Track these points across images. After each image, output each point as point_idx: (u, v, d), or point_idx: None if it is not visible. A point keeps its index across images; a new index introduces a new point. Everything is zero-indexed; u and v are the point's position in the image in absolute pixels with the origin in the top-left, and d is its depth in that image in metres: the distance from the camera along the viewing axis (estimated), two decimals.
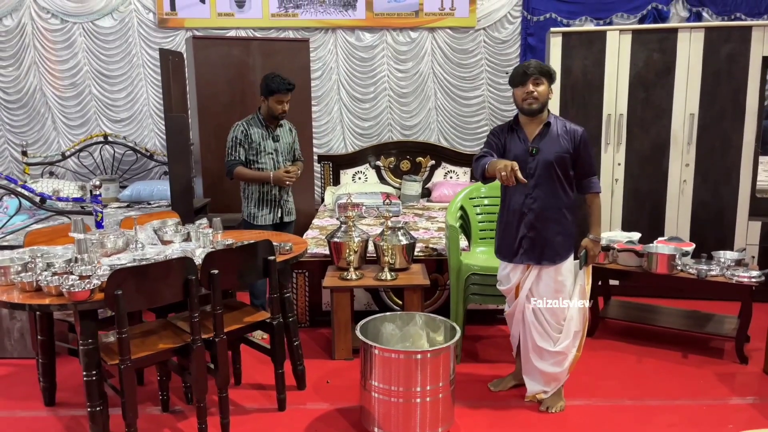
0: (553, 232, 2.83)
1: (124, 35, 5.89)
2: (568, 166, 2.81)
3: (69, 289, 2.35)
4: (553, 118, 2.83)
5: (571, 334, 2.89)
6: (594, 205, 2.91)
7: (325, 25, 5.90)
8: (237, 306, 3.14)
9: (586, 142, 2.82)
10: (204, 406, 2.69)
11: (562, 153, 2.78)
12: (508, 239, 2.92)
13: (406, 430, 2.66)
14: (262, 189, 3.83)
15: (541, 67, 2.76)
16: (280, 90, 3.69)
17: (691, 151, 4.41)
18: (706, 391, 3.20)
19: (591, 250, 2.93)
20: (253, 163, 3.79)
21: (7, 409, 3.03)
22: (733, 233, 4.45)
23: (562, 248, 2.85)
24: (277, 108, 3.73)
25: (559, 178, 2.80)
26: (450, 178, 6.02)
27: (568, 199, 2.84)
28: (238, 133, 3.77)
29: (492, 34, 5.98)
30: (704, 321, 3.83)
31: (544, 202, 2.81)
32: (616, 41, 4.37)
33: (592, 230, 2.94)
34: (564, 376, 2.94)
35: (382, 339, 2.90)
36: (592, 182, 2.88)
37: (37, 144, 6.04)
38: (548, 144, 2.79)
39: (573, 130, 2.81)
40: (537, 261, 2.86)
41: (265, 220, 3.85)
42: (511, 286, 2.98)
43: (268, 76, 3.74)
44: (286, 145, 3.90)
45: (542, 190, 2.80)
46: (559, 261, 2.85)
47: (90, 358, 2.44)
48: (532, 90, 2.73)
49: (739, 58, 4.26)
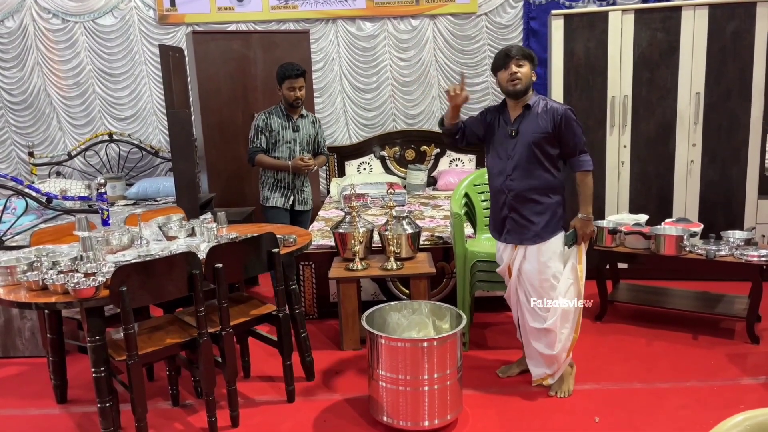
0: (533, 212, 2.85)
1: (125, 33, 5.89)
2: (549, 145, 2.79)
3: (74, 286, 2.36)
4: (535, 99, 2.83)
5: (558, 312, 2.87)
6: (583, 184, 2.88)
7: (325, 16, 5.87)
8: (243, 299, 3.14)
9: (569, 120, 2.77)
10: (213, 400, 2.70)
11: (540, 133, 2.78)
12: (494, 219, 3.01)
13: (414, 418, 2.66)
14: (277, 176, 4.02)
15: (522, 49, 2.81)
16: (289, 75, 3.84)
17: (698, 130, 4.36)
18: (717, 372, 3.17)
19: (580, 229, 2.90)
20: (271, 152, 3.97)
21: (20, 407, 3.06)
22: (742, 213, 4.41)
23: (545, 229, 2.85)
24: (290, 95, 3.89)
25: (539, 159, 2.80)
26: (455, 166, 5.99)
27: (551, 179, 2.83)
28: (259, 121, 3.96)
29: (494, 19, 5.92)
30: (714, 302, 3.80)
31: (523, 182, 2.83)
32: (618, 22, 4.31)
33: (582, 209, 2.91)
34: (563, 357, 2.92)
35: (388, 328, 2.90)
36: (579, 160, 2.84)
37: (43, 144, 6.06)
38: (527, 125, 2.81)
39: (553, 109, 2.78)
40: (519, 241, 2.90)
41: (275, 202, 4.05)
42: (503, 266, 3.04)
43: (280, 65, 3.92)
44: (306, 136, 4.03)
45: (522, 170, 2.82)
46: (540, 241, 2.85)
47: (98, 354, 2.46)
48: (515, 71, 2.75)
49: (744, 35, 4.20)
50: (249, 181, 5.18)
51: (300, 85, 3.88)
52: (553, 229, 2.86)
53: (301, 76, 3.87)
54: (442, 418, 2.68)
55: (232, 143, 5.15)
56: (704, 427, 2.66)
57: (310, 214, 4.21)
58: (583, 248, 2.93)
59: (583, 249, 2.93)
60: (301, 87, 3.90)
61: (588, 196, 2.89)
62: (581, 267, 2.91)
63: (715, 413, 2.77)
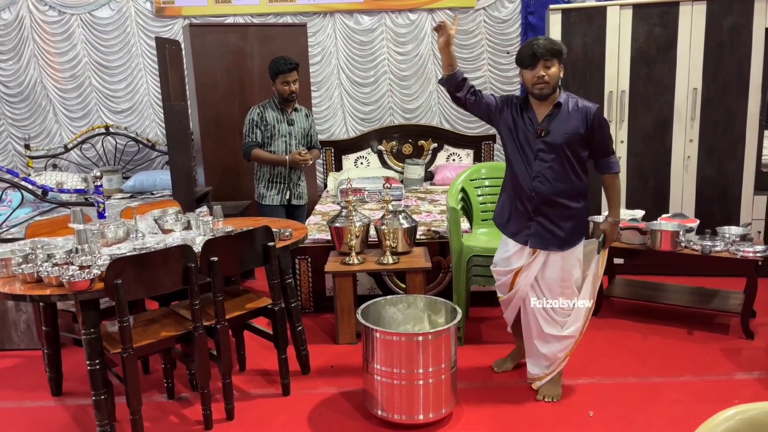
0: (561, 217, 2.70)
1: (122, 25, 5.87)
2: (580, 147, 2.65)
3: (69, 279, 2.36)
4: (564, 96, 2.67)
5: (580, 318, 2.81)
6: (612, 187, 2.77)
7: (323, 9, 5.85)
8: (239, 293, 3.14)
9: (601, 120, 2.64)
10: (208, 393, 2.70)
11: (573, 134, 2.62)
12: (516, 220, 2.79)
13: (409, 412, 2.66)
14: (273, 171, 3.97)
15: (551, 46, 2.55)
16: (282, 70, 3.81)
17: (695, 126, 4.36)
18: (712, 367, 3.18)
19: (610, 233, 2.81)
20: (267, 146, 3.93)
21: (16, 400, 3.06)
22: (738, 208, 4.42)
23: (571, 235, 2.72)
24: (284, 89, 3.86)
25: (569, 161, 2.64)
26: (453, 161, 5.99)
27: (579, 183, 2.69)
28: (254, 115, 3.92)
29: (492, 13, 5.91)
30: (709, 297, 3.81)
31: (552, 186, 2.67)
32: (616, 17, 4.31)
33: (611, 212, 2.81)
34: (562, 358, 2.87)
35: (383, 322, 2.90)
36: (609, 162, 2.72)
37: (39, 137, 6.05)
38: (558, 125, 2.63)
39: (585, 108, 2.63)
40: (544, 246, 2.73)
41: (272, 200, 3.99)
42: (510, 269, 2.85)
43: (272, 59, 3.87)
44: (301, 129, 4.01)
45: (551, 173, 2.66)
46: (567, 248, 2.72)
47: (93, 347, 2.46)
48: (542, 74, 2.56)
49: (741, 30, 4.20)
50: (245, 175, 5.16)
51: (294, 79, 3.86)
52: (579, 234, 2.75)
53: (294, 70, 3.84)
54: (436, 412, 2.69)
55: (228, 137, 5.14)
56: (698, 422, 2.64)
57: (306, 208, 4.20)
58: (605, 253, 2.87)
59: (605, 254, 2.86)
60: (295, 81, 3.87)
61: (617, 200, 2.80)
62: (601, 272, 2.86)
63: (709, 408, 2.74)
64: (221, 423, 2.77)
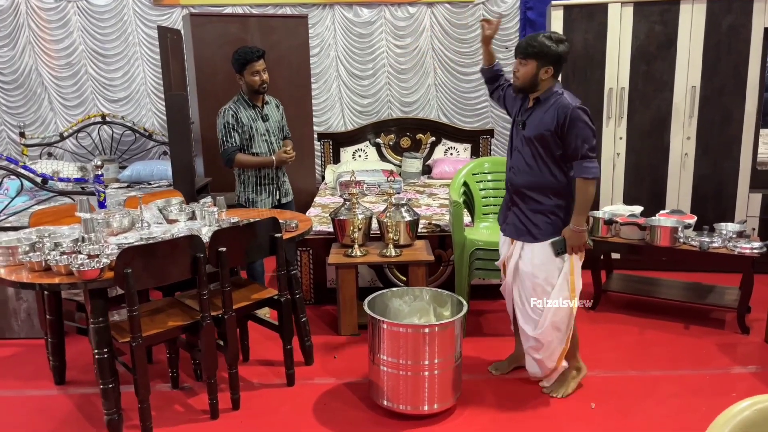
0: (531, 210, 2.73)
1: (119, 13, 5.81)
2: (553, 144, 2.62)
3: (79, 268, 2.35)
4: (550, 93, 2.64)
5: (546, 323, 2.75)
6: (580, 191, 2.62)
7: (322, 1, 5.83)
8: (243, 283, 3.15)
9: (575, 120, 2.54)
10: (214, 383, 2.72)
11: (543, 131, 2.61)
12: (502, 208, 2.95)
13: (414, 402, 2.69)
14: (259, 173, 3.71)
15: (526, 47, 2.59)
16: (250, 59, 3.52)
17: (693, 124, 4.41)
18: (709, 361, 3.24)
19: (569, 239, 2.66)
20: (247, 149, 3.65)
21: (18, 388, 3.05)
22: (733, 206, 4.48)
23: (541, 230, 2.71)
24: (254, 80, 3.56)
25: (542, 157, 2.65)
26: (450, 155, 6.01)
27: (552, 180, 2.67)
28: (228, 117, 3.59)
29: (491, 8, 5.91)
30: (705, 293, 3.87)
31: (523, 178, 2.71)
32: (617, 14, 4.34)
33: (573, 218, 2.66)
34: (551, 365, 2.85)
35: (389, 314, 2.92)
36: (580, 165, 2.59)
37: (34, 125, 5.99)
38: (534, 119, 2.66)
39: (561, 106, 2.58)
40: (516, 236, 2.81)
41: (264, 204, 3.75)
42: (502, 258, 2.97)
43: (236, 51, 3.60)
44: (276, 123, 3.78)
45: (524, 165, 2.70)
46: (534, 241, 2.73)
47: (101, 336, 2.46)
48: (515, 69, 2.68)
49: (740, 30, 4.25)
50: None
51: (263, 68, 3.57)
52: (551, 232, 2.70)
53: (262, 58, 3.56)
54: (441, 403, 2.72)
55: None
56: (697, 414, 2.73)
57: (293, 204, 3.98)
58: (577, 261, 2.74)
59: (576, 261, 2.74)
60: (264, 69, 3.57)
61: (583, 206, 2.64)
62: (573, 277, 2.74)
63: (707, 401, 2.84)
64: (227, 412, 2.78)
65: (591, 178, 2.60)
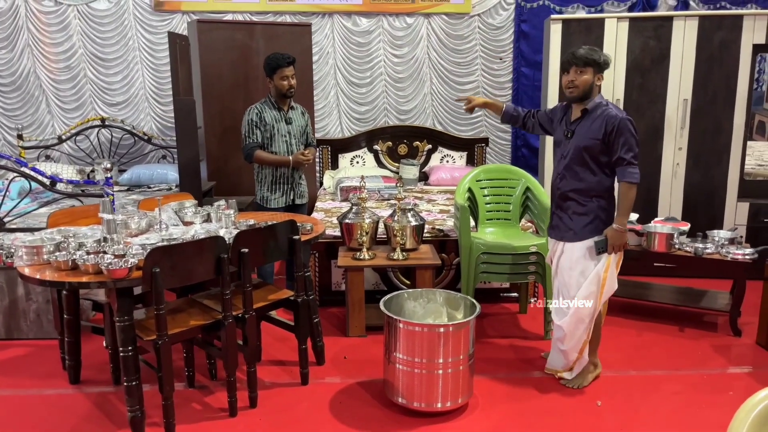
0: (573, 212, 2.93)
1: (119, 18, 5.85)
2: (600, 152, 2.82)
3: (108, 267, 2.41)
4: (596, 104, 2.84)
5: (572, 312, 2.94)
6: (623, 195, 2.83)
7: (322, 10, 5.93)
8: (259, 285, 3.22)
9: (621, 130, 2.75)
10: (234, 381, 2.78)
11: (592, 139, 2.81)
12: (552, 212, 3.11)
13: (428, 400, 2.78)
14: (276, 172, 3.90)
15: (585, 56, 2.79)
16: (280, 65, 3.76)
17: (684, 135, 4.59)
18: (705, 361, 3.38)
19: (611, 238, 2.85)
20: (267, 147, 3.87)
21: (35, 387, 3.08)
22: (722, 214, 4.66)
23: (583, 229, 2.91)
24: (283, 85, 3.80)
25: (588, 164, 2.85)
26: (446, 163, 6.12)
27: (597, 184, 2.87)
28: (253, 115, 3.85)
29: (486, 20, 6.07)
30: (699, 297, 4.02)
31: (570, 183, 2.91)
32: (613, 28, 4.50)
33: (617, 219, 2.87)
34: (573, 357, 3.04)
35: (404, 315, 3.01)
36: (623, 171, 2.81)
37: (31, 127, 5.98)
38: (582, 129, 2.85)
39: (609, 117, 2.78)
40: (560, 237, 3.01)
41: (277, 203, 3.92)
42: (549, 255, 3.15)
43: (268, 56, 3.83)
44: (299, 128, 3.97)
45: (572, 172, 2.90)
46: (576, 240, 2.92)
47: (126, 334, 2.51)
48: (573, 79, 2.81)
49: (730, 45, 4.44)
50: (248, 171, 5.19)
51: (292, 74, 3.80)
52: (592, 230, 2.90)
53: (292, 65, 3.80)
54: (454, 401, 2.81)
55: (231, 132, 5.16)
56: (699, 410, 2.86)
57: (306, 207, 4.19)
58: (614, 259, 2.91)
59: (612, 259, 2.91)
60: (293, 75, 3.81)
61: (625, 208, 2.85)
62: (606, 275, 2.91)
63: (707, 398, 2.98)
64: (245, 410, 2.85)
65: (634, 183, 2.82)
